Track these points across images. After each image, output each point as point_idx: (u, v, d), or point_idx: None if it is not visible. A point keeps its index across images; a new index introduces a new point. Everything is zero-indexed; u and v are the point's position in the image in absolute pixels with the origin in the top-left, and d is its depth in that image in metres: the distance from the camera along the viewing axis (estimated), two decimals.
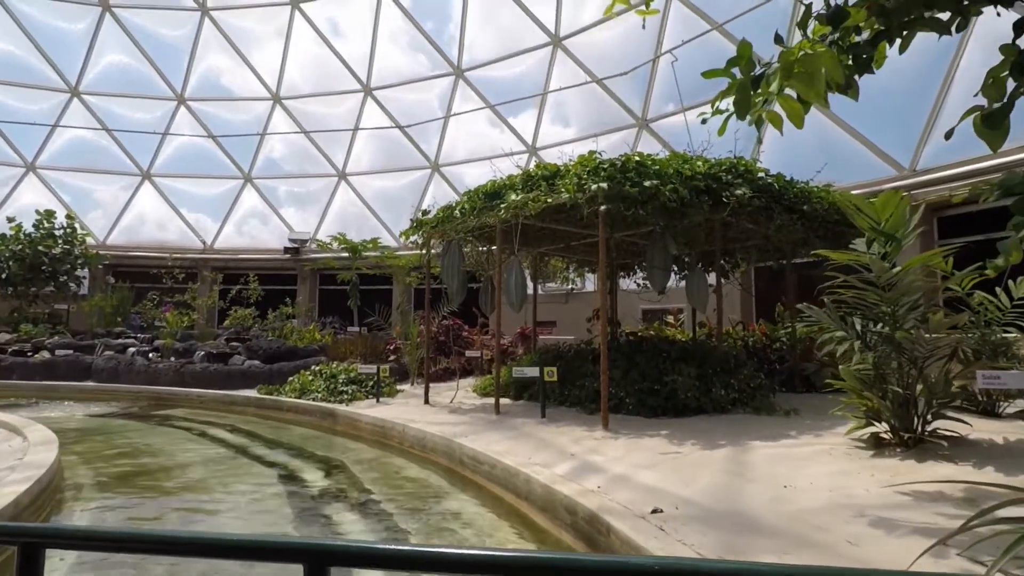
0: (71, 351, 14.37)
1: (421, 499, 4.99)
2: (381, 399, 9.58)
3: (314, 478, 5.71)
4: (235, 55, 20.63)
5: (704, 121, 3.02)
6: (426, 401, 9.19)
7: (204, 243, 22.59)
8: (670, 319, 14.24)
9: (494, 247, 10.76)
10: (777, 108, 2.56)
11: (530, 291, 9.99)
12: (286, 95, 21.20)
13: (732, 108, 2.66)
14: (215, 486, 5.39)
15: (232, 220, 22.84)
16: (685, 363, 7.35)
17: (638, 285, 11.90)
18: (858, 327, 5.19)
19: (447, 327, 14.17)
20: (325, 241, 18.07)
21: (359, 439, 7.79)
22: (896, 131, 12.82)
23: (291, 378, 10.60)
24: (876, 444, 4.99)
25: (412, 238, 9.47)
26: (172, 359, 13.62)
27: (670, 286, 13.06)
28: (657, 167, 6.43)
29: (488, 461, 5.14)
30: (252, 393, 10.52)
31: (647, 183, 6.09)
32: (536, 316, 12.12)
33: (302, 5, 19.72)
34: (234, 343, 15.06)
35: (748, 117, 2.63)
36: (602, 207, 6.07)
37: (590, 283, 18.61)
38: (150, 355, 14.74)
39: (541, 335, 15.23)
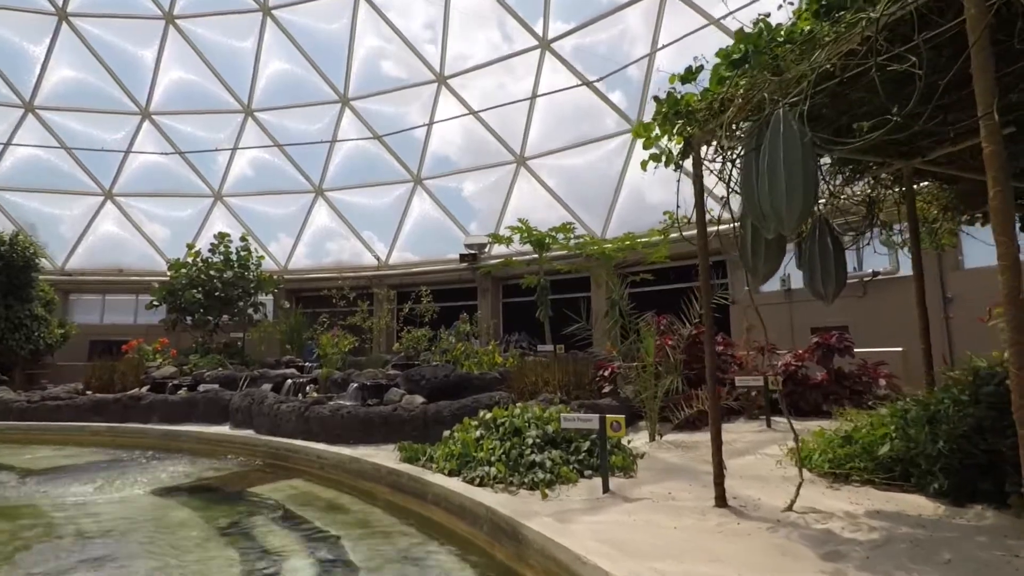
0: (217, 386, 11.94)
1: None
2: (611, 481, 4.58)
3: None
4: (394, 39, 17.98)
5: None
6: (719, 500, 3.96)
7: (378, 259, 20.20)
8: None
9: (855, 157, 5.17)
10: None
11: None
12: (450, 73, 17.91)
13: None
14: None
15: (404, 231, 20.15)
16: None
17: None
18: None
19: (692, 338, 8.69)
20: (504, 235, 13.92)
21: None
22: None
23: (446, 433, 6.07)
24: None
25: (654, 135, 4.37)
26: (314, 395, 10.29)
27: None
28: None
29: None
30: (389, 459, 6.21)
31: None
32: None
33: None
34: (394, 371, 11.46)
35: None
36: None
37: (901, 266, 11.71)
38: (307, 387, 11.87)
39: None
